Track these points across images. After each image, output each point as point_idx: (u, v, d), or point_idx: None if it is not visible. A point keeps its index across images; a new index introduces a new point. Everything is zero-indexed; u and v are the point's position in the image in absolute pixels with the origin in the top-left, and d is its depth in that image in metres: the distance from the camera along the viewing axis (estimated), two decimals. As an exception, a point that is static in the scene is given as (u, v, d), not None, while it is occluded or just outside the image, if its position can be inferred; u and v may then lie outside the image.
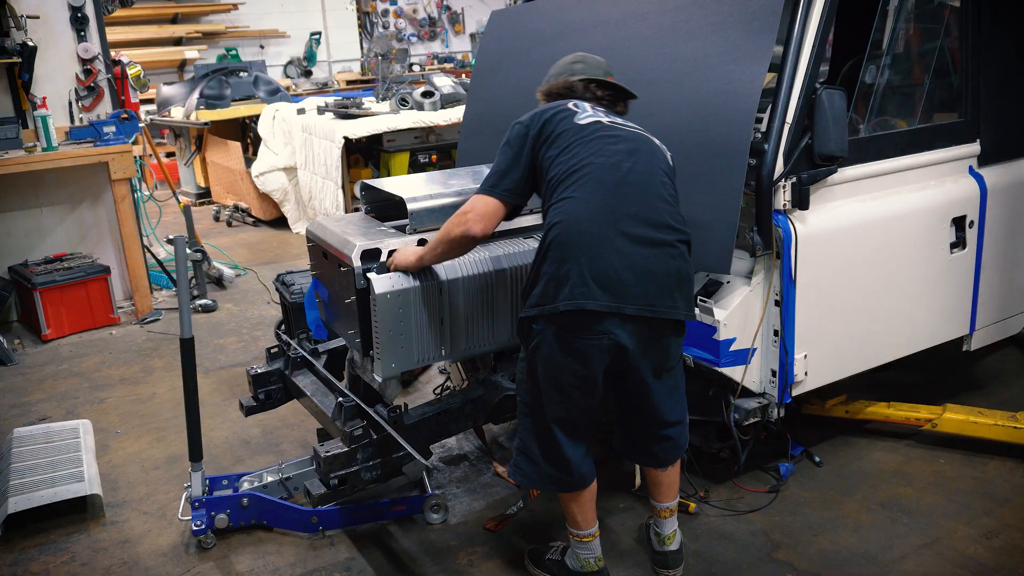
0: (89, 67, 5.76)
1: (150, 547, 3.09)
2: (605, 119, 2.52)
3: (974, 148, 3.39)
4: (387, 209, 3.15)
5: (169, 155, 10.27)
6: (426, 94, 7.38)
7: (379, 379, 2.77)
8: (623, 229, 2.33)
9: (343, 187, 6.93)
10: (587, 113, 2.53)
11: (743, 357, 2.93)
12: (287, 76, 13.29)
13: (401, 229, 2.91)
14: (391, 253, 2.74)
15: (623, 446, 2.74)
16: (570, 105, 2.56)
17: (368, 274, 2.69)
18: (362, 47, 14.25)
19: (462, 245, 2.58)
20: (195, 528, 2.99)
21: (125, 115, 5.74)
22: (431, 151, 7.16)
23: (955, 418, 3.27)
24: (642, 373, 2.46)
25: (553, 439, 2.50)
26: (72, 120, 5.78)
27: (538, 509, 3.15)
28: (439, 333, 2.79)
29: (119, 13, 8.62)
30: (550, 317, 2.35)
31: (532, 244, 2.89)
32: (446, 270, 2.75)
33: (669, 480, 2.68)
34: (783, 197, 2.86)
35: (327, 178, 7.09)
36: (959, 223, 3.31)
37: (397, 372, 2.79)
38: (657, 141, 2.56)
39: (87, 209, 5.89)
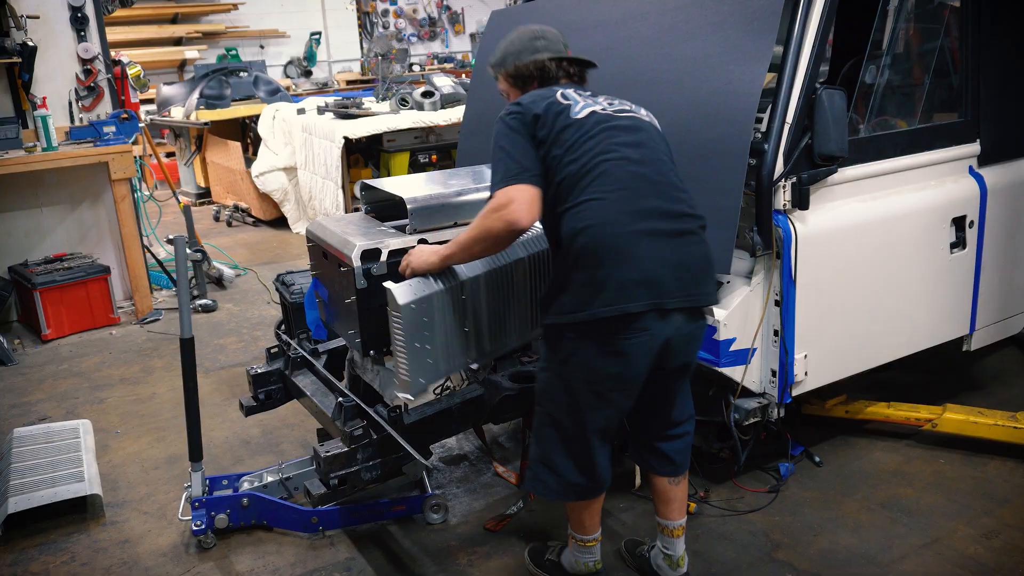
0: (89, 67, 5.76)
1: (150, 547, 3.09)
2: (598, 107, 2.43)
3: (974, 148, 3.39)
4: (387, 209, 3.15)
5: (169, 155, 10.27)
6: (426, 94, 7.38)
7: (410, 398, 2.54)
8: (648, 225, 2.29)
9: (343, 187, 6.93)
10: (579, 104, 2.43)
11: (743, 357, 2.93)
12: (287, 76, 13.29)
13: (401, 229, 2.90)
14: (392, 254, 2.70)
15: (635, 451, 2.70)
16: (559, 97, 2.44)
17: (386, 284, 2.48)
18: (362, 47, 14.26)
19: (505, 240, 2.36)
20: (195, 528, 2.99)
21: (125, 115, 5.74)
22: (431, 151, 7.16)
23: (955, 418, 3.27)
24: (677, 367, 2.43)
25: (587, 449, 2.43)
26: (72, 120, 5.78)
27: (538, 509, 3.15)
28: (464, 337, 2.64)
29: (119, 13, 8.62)
30: (587, 324, 2.27)
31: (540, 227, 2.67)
32: (465, 267, 2.61)
33: (681, 494, 2.64)
34: (783, 197, 2.85)
35: (327, 178, 7.09)
36: (959, 223, 3.31)
37: (425, 387, 2.59)
38: (645, 114, 2.49)
39: (87, 209, 5.89)
